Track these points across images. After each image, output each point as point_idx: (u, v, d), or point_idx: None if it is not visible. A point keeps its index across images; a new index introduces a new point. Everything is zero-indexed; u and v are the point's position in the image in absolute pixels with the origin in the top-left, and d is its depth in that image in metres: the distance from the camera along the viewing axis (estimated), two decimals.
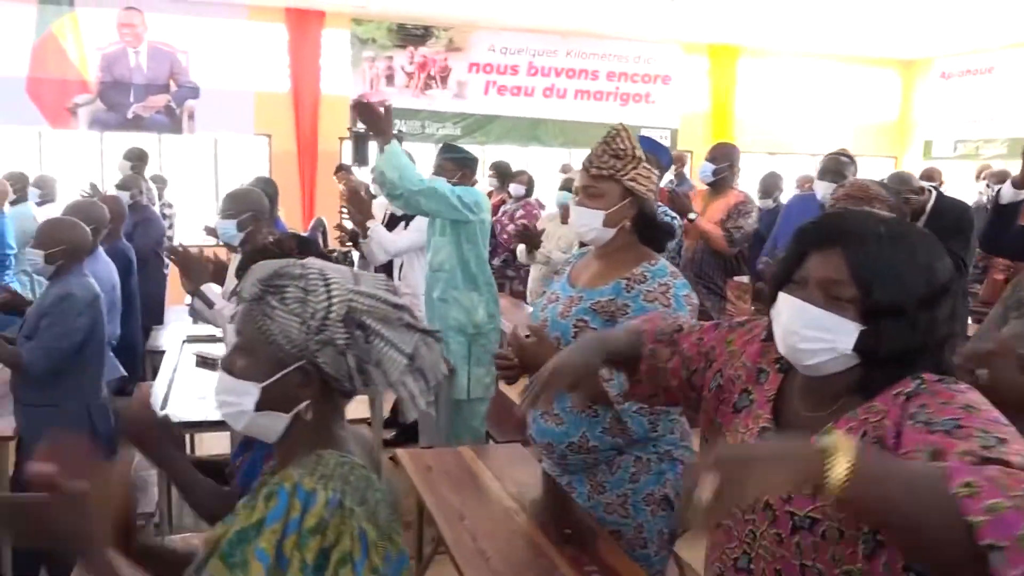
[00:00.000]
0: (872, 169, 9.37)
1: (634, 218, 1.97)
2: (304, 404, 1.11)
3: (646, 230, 2.00)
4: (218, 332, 4.43)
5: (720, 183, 4.67)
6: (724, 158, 4.65)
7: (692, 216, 4.25)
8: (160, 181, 7.82)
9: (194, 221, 9.52)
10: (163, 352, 4.69)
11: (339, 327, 1.09)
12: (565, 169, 8.75)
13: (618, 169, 1.95)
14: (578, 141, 10.80)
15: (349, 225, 4.46)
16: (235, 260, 3.36)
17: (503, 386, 3.79)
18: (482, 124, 10.26)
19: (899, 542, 0.97)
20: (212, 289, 3.07)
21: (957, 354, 1.47)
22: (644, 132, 10.99)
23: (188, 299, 3.10)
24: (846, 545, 1.11)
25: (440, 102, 10.07)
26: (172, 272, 6.04)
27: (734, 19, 9.39)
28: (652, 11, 8.96)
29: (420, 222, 3.88)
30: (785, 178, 7.33)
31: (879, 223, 1.19)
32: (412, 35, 9.89)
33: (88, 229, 3.13)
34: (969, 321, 4.57)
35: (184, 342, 4.44)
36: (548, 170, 9.84)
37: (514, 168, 7.29)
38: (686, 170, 8.85)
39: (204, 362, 3.97)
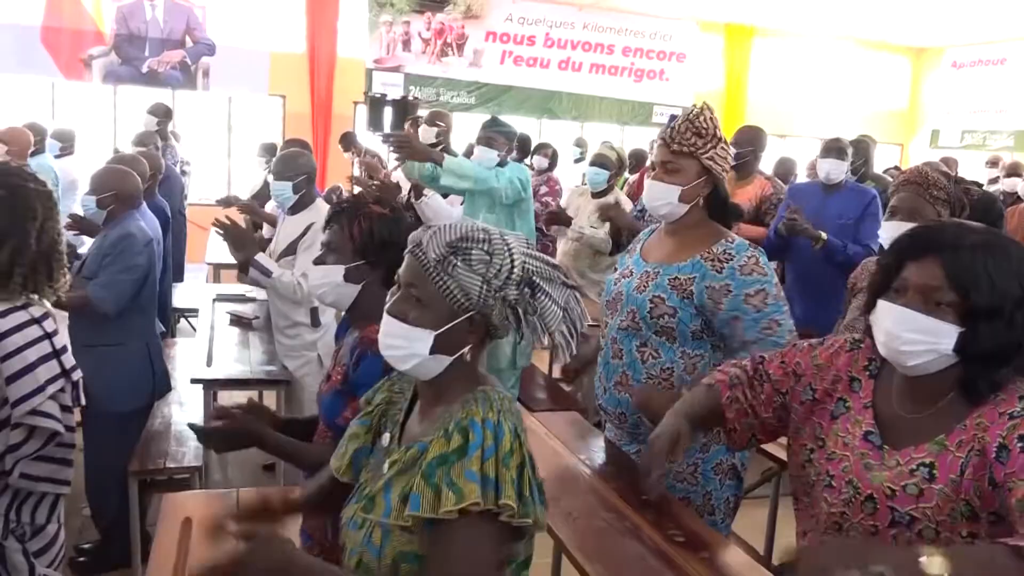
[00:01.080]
0: (880, 156, 9.42)
1: (707, 196, 2.02)
2: (467, 348, 1.23)
3: (717, 209, 2.05)
4: (249, 291, 4.49)
5: (743, 167, 4.69)
6: (748, 142, 4.61)
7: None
8: (175, 138, 7.79)
9: (208, 179, 9.53)
10: (193, 310, 4.76)
11: (513, 285, 1.20)
12: (580, 143, 8.76)
13: (699, 147, 1.97)
14: (590, 115, 10.81)
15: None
16: (284, 221, 3.39)
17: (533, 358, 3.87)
18: (497, 94, 10.24)
19: None
20: (264, 257, 3.12)
21: None
22: (657, 109, 11.09)
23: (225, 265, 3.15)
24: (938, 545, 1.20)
25: (456, 70, 10.03)
26: (190, 230, 6.07)
27: None
28: None
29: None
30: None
31: (971, 232, 1.28)
32: (430, 0, 9.81)
33: (138, 179, 3.17)
34: None
35: (215, 300, 4.48)
36: (561, 142, 9.85)
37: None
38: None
39: (238, 321, 4.03)
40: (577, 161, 8.59)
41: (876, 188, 4.56)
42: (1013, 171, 7.31)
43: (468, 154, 4.74)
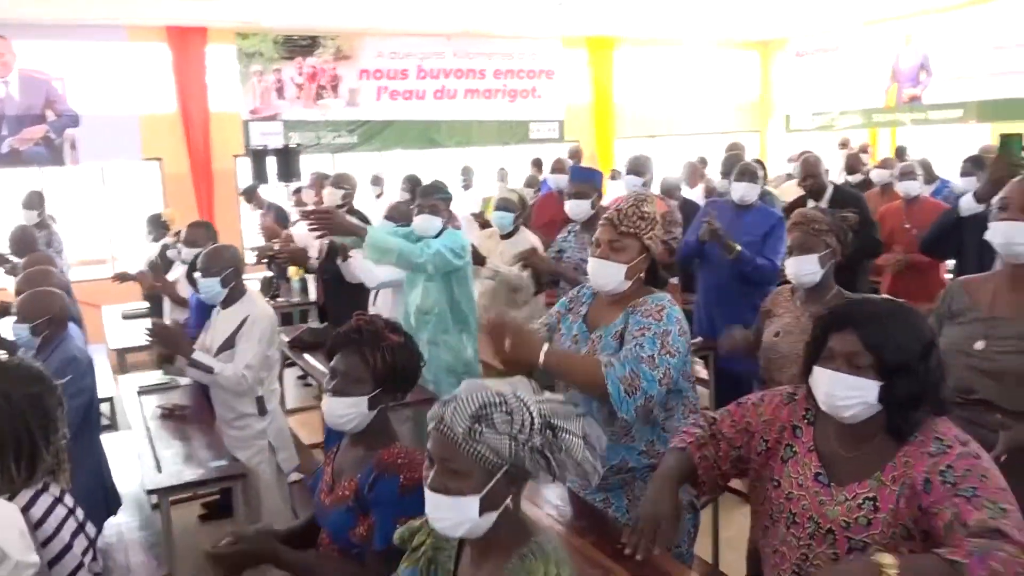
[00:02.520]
0: (743, 140, 10.04)
1: (646, 269, 2.25)
2: (508, 499, 1.36)
3: (650, 277, 2.29)
4: (177, 380, 4.43)
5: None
6: (646, 170, 4.93)
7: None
8: (52, 221, 7.45)
9: (90, 253, 9.17)
10: (105, 398, 4.63)
11: (537, 434, 1.34)
12: (465, 172, 8.95)
13: (642, 228, 2.20)
14: (471, 139, 11.05)
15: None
16: (218, 315, 3.42)
17: None
18: (377, 130, 10.31)
19: None
20: (202, 355, 3.16)
21: None
22: (533, 126, 11.44)
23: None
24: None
25: (334, 111, 10.04)
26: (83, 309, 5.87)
27: (609, 12, 9.82)
28: (532, 9, 9.26)
29: None
30: (660, 159, 7.41)
31: (878, 305, 1.60)
32: (299, 46, 9.79)
33: (63, 295, 3.14)
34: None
35: (140, 394, 4.40)
36: (446, 171, 10.02)
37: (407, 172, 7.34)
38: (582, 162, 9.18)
39: (171, 414, 3.97)
40: (465, 188, 8.81)
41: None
42: (856, 146, 7.96)
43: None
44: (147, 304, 6.28)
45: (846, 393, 1.54)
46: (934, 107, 11.07)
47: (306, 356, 4.69)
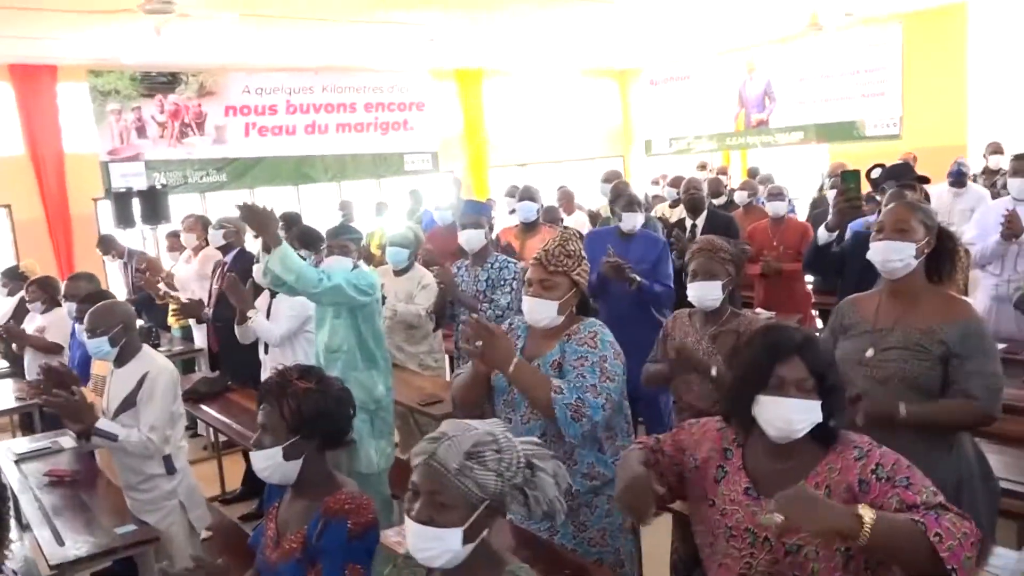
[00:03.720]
0: (608, 165, 10.49)
1: (576, 304, 2.37)
2: (485, 531, 1.43)
3: (579, 308, 2.41)
4: (53, 443, 4.14)
5: (531, 225, 5.20)
6: (537, 197, 5.09)
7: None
8: None
9: None
10: None
11: (520, 472, 1.43)
12: (344, 206, 8.83)
13: (569, 266, 2.33)
14: (346, 174, 10.95)
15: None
16: (113, 374, 3.23)
17: (398, 452, 3.98)
18: (248, 168, 10.04)
19: (896, 565, 1.55)
20: (105, 422, 2.99)
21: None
22: (408, 158, 11.47)
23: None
24: (824, 560, 1.65)
25: (200, 149, 9.69)
26: None
27: (476, 45, 10.06)
28: (399, 43, 9.35)
29: (296, 309, 3.94)
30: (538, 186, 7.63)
31: (800, 331, 1.77)
32: (158, 83, 9.40)
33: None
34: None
35: (17, 462, 4.07)
36: (322, 207, 9.87)
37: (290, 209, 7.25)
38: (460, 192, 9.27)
39: (60, 481, 3.71)
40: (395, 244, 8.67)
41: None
42: (720, 170, 8.54)
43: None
44: (3, 362, 5.82)
45: (801, 416, 1.67)
46: (780, 130, 12.00)
47: (202, 407, 4.50)
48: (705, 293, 2.83)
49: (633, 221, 4.34)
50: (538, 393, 2.20)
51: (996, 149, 7.82)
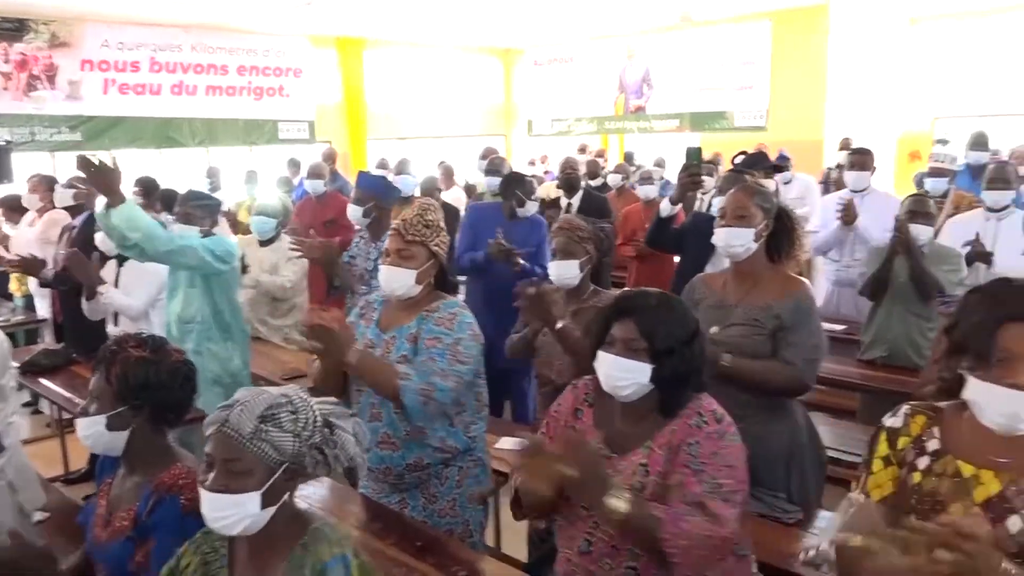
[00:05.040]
0: (490, 143, 10.49)
1: (435, 274, 2.34)
2: (288, 494, 1.41)
3: (440, 281, 2.39)
4: None
5: (411, 196, 5.13)
6: (408, 170, 5.00)
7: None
8: None
9: None
10: None
11: (318, 432, 1.41)
12: (211, 173, 8.43)
13: (428, 236, 2.31)
14: (216, 139, 10.44)
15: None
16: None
17: None
18: (105, 127, 9.39)
19: (636, 547, 1.70)
20: None
21: None
22: (282, 126, 11.06)
23: None
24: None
25: (52, 105, 8.98)
26: None
27: (357, 12, 9.78)
28: (277, 6, 8.98)
29: (151, 275, 3.70)
30: (415, 161, 7.54)
31: (650, 297, 1.81)
32: (3, 29, 8.62)
33: None
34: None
35: None
36: (189, 172, 9.37)
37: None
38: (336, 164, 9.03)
39: None
40: (212, 191, 8.30)
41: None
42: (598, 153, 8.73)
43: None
44: None
45: (623, 374, 1.74)
46: (656, 117, 12.36)
47: (42, 381, 4.18)
48: (563, 272, 2.88)
49: (531, 208, 4.32)
50: (381, 380, 2.19)
51: (845, 145, 8.36)
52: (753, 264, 2.51)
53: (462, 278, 4.28)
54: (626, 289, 2.04)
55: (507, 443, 2.93)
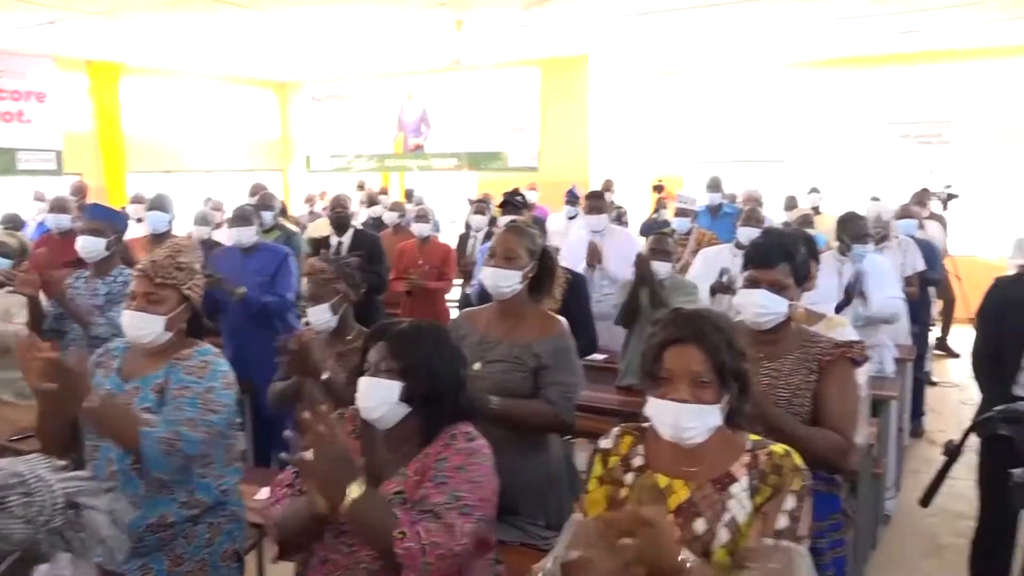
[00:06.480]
0: (267, 178, 10.05)
1: (188, 319, 2.20)
2: None
3: (194, 327, 2.25)
4: None
5: (165, 233, 4.88)
6: (168, 207, 4.79)
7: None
8: None
9: None
10: None
11: (59, 515, 1.23)
12: None
13: (180, 280, 2.16)
14: None
15: None
16: None
17: None
18: None
19: (368, 544, 1.71)
20: None
21: None
22: (21, 154, 9.97)
23: None
24: None
25: None
26: None
27: (111, 36, 9.05)
28: (15, 21, 8.09)
29: None
30: (179, 195, 7.18)
31: (403, 322, 1.87)
32: None
33: None
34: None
35: None
36: None
37: None
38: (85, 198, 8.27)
39: None
40: None
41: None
42: (372, 199, 8.82)
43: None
44: None
45: (372, 394, 1.77)
46: (436, 156, 12.58)
47: None
48: (316, 316, 2.86)
49: (236, 235, 4.32)
50: (122, 428, 2.01)
51: (607, 187, 9.01)
52: (516, 303, 2.61)
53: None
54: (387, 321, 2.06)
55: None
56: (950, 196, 8.03)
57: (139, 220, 6.24)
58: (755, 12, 7.83)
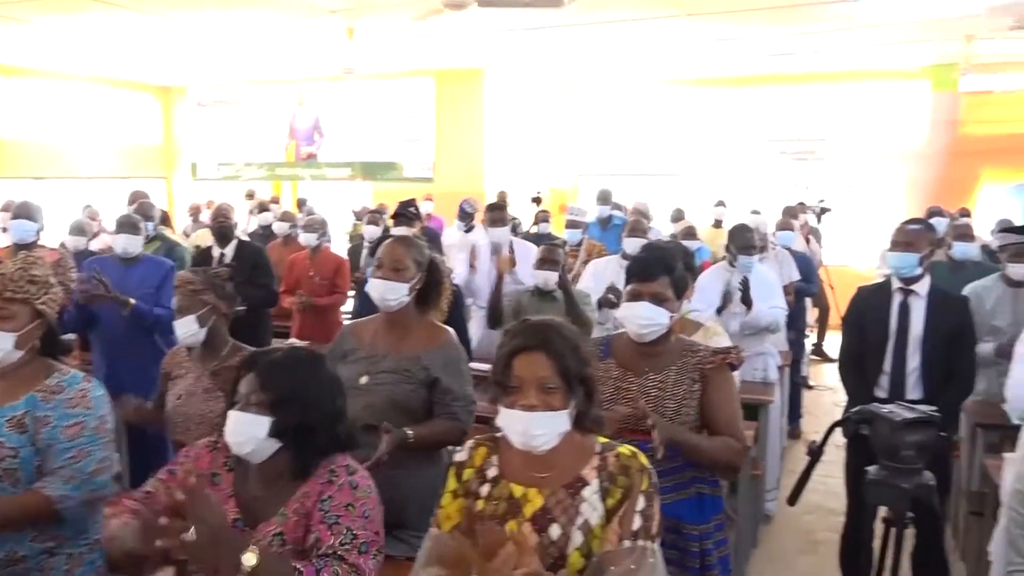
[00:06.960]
0: (149, 186, 9.55)
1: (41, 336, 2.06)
2: None
3: (48, 346, 2.10)
4: None
5: (32, 243, 4.62)
6: (38, 215, 4.59)
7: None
8: None
9: None
10: None
11: None
12: None
13: (33, 294, 2.03)
14: None
15: None
16: None
17: None
18: None
19: None
20: None
21: None
22: None
23: None
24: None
25: None
26: None
27: None
28: None
29: None
30: (48, 203, 6.77)
31: (276, 352, 1.78)
32: None
33: None
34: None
35: None
36: None
37: None
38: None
39: None
40: None
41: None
42: (263, 208, 8.62)
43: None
44: None
45: (240, 428, 1.68)
46: (329, 165, 12.33)
47: None
48: (183, 329, 2.72)
49: (122, 244, 4.12)
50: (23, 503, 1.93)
51: (502, 198, 9.07)
52: (404, 315, 2.57)
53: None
54: (243, 348, 1.98)
55: None
56: (823, 210, 8.54)
57: (4, 229, 5.83)
58: (641, 31, 8.08)
